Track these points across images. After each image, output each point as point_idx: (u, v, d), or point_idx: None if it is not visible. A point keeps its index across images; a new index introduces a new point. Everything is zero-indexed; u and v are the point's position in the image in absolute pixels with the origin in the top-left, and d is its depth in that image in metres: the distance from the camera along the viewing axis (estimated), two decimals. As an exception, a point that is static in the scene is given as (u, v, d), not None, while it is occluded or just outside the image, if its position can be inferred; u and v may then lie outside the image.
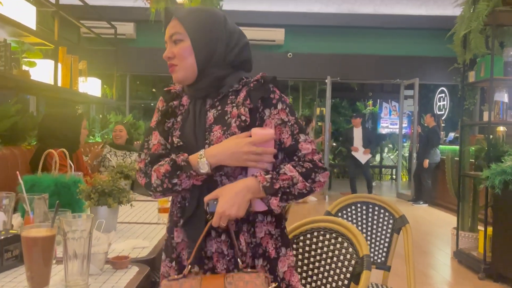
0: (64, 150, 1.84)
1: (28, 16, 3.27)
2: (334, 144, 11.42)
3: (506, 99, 3.58)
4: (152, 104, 14.80)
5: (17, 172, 1.52)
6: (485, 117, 3.67)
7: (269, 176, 1.07)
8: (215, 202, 1.04)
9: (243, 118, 1.10)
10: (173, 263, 1.15)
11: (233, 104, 1.14)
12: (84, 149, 3.82)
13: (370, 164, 12.02)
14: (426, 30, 7.96)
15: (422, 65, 8.04)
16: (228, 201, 1.03)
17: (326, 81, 7.95)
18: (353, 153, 7.62)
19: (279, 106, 1.14)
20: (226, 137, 1.09)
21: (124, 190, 1.55)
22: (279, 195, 1.07)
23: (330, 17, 8.02)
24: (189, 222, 1.11)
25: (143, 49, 8.02)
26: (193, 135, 1.13)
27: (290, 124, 1.14)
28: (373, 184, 8.16)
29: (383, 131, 16.63)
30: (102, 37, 5.73)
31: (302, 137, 1.13)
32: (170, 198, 1.22)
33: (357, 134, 7.65)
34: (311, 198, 7.19)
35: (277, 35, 7.96)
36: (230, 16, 1.23)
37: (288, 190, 1.08)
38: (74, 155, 2.81)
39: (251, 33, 8.00)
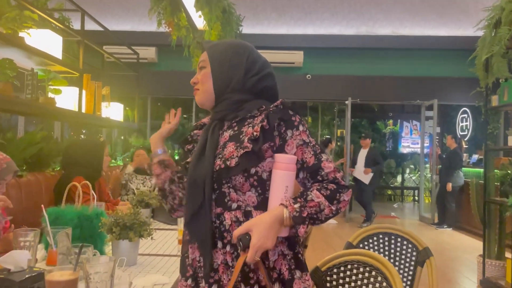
0: (87, 182, 1.86)
1: (54, 46, 3.39)
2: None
3: (531, 124, 3.51)
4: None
5: (42, 206, 1.56)
6: (510, 142, 3.58)
7: (298, 205, 1.08)
8: (247, 237, 1.04)
9: (254, 134, 1.13)
10: (189, 281, 1.15)
11: (250, 125, 1.18)
12: (106, 173, 3.88)
13: (392, 185, 11.88)
14: (446, 51, 7.91)
15: (442, 86, 7.95)
16: (263, 235, 1.04)
17: (346, 102, 7.94)
18: (353, 174, 7.46)
19: (301, 128, 1.19)
20: (237, 151, 1.11)
21: (145, 223, 1.57)
22: (307, 222, 1.09)
23: (349, 39, 8.05)
24: (192, 220, 1.14)
25: (164, 72, 8.19)
26: (201, 150, 1.19)
27: (311, 144, 1.18)
28: (395, 205, 7.96)
29: (404, 150, 16.40)
30: (125, 62, 5.89)
31: (324, 156, 1.18)
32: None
33: (362, 155, 7.45)
34: (331, 220, 7.09)
35: (296, 57, 8.02)
36: (249, 39, 1.28)
37: (315, 216, 1.10)
38: (97, 182, 2.87)
39: (270, 56, 8.09)
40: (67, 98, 3.69)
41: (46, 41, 3.30)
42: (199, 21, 4.08)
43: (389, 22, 8.04)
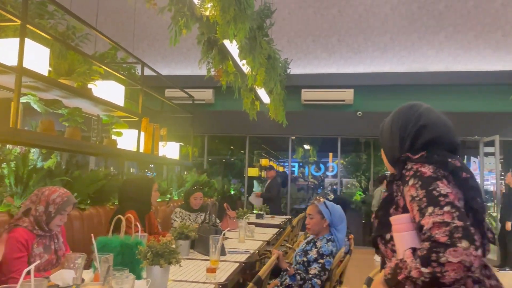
0: (130, 215, 2.17)
1: (117, 94, 3.88)
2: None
3: None
4: (232, 160, 15.61)
5: (92, 235, 1.87)
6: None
7: (393, 267, 1.10)
8: None
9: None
10: None
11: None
12: (155, 208, 4.24)
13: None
14: (505, 85, 7.67)
15: (503, 121, 7.67)
16: None
17: (398, 139, 7.88)
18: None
19: (410, 182, 1.17)
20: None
21: (174, 251, 1.82)
22: (405, 286, 1.06)
23: (400, 76, 8.11)
24: None
25: (220, 112, 8.71)
26: None
27: (418, 198, 1.12)
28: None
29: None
30: (183, 104, 6.44)
31: (429, 210, 1.08)
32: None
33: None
34: (376, 257, 6.93)
35: (346, 95, 8.19)
36: (299, 79, 1.52)
37: (400, 279, 1.07)
38: (147, 216, 3.21)
39: (321, 94, 8.34)
40: (128, 139, 4.15)
41: (110, 90, 3.80)
42: (245, 68, 4.44)
43: (441, 58, 8.00)
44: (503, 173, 10.60)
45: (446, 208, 1.06)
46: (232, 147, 14.26)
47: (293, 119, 8.18)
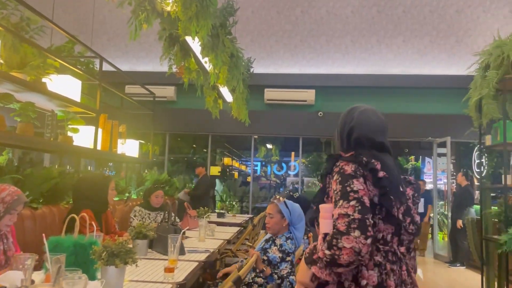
0: (85, 214, 2.10)
1: (73, 89, 3.74)
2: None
3: (524, 163, 3.59)
4: (194, 158, 15.45)
5: (43, 234, 1.80)
6: (509, 181, 3.66)
7: (312, 248, 1.33)
8: None
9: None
10: None
11: None
12: (113, 207, 4.12)
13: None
14: (458, 89, 7.98)
15: (455, 123, 8.01)
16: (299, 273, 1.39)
17: (358, 139, 8.06)
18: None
19: (335, 177, 1.36)
20: None
21: (130, 251, 1.78)
22: (317, 264, 1.27)
23: (360, 78, 8.30)
24: None
25: (182, 110, 8.60)
26: None
27: (336, 192, 1.33)
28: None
29: (427, 187, 16.15)
30: (143, 101, 6.31)
31: (340, 202, 1.28)
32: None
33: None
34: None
35: (308, 95, 8.30)
36: (262, 79, 1.58)
37: (316, 259, 1.28)
38: (104, 215, 3.12)
39: (284, 94, 8.41)
40: (85, 136, 4.02)
41: (66, 85, 3.66)
42: (208, 65, 4.40)
43: (399, 62, 8.27)
44: (454, 173, 11.10)
45: (352, 203, 1.25)
46: (194, 146, 14.12)
47: (256, 118, 8.20)
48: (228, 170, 15.70)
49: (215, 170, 13.06)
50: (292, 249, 2.72)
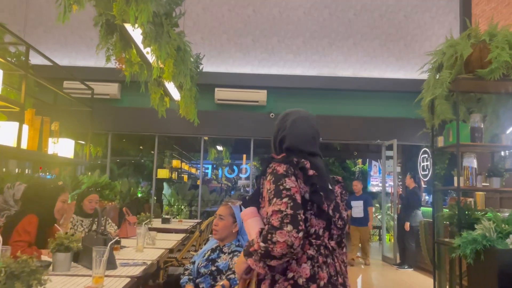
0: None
1: (-8, 80, 3.26)
2: None
3: (475, 165, 3.54)
4: (142, 161, 14.80)
5: None
6: (455, 182, 3.60)
7: (249, 241, 1.38)
8: None
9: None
10: None
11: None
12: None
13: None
14: (405, 93, 8.13)
15: (401, 127, 8.12)
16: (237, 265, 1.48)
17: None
18: None
19: (268, 177, 1.42)
20: None
21: (36, 271, 1.43)
22: (252, 256, 1.33)
23: (311, 79, 8.21)
24: None
25: (126, 108, 8.10)
26: None
27: (269, 191, 1.38)
28: (360, 245, 7.80)
29: (373, 189, 16.48)
30: (81, 98, 5.79)
31: (273, 200, 1.35)
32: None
33: None
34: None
35: (260, 96, 8.09)
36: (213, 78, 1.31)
37: (252, 251, 1.33)
38: (49, 229, 2.72)
39: (235, 94, 8.15)
40: (6, 134, 3.53)
41: (-17, 74, 3.18)
42: (151, 57, 4.05)
43: (350, 64, 8.28)
44: (400, 176, 11.34)
45: (285, 200, 1.33)
46: (141, 147, 13.49)
47: (206, 118, 7.88)
48: (177, 172, 15.17)
49: (163, 173, 12.55)
50: None
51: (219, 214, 2.55)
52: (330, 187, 1.51)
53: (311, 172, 1.43)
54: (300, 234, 1.28)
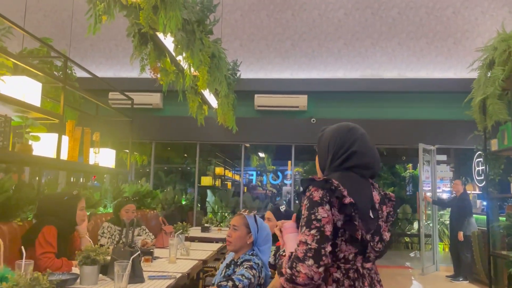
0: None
1: (33, 93, 3.35)
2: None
3: (535, 170, 3.20)
4: (188, 168, 14.99)
5: None
6: (514, 189, 3.27)
7: (283, 261, 1.40)
8: None
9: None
10: None
11: None
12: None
13: (408, 232, 11.26)
14: (456, 93, 7.66)
15: (454, 129, 7.65)
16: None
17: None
18: None
19: (305, 202, 1.41)
20: None
21: (47, 289, 1.38)
22: (284, 276, 1.35)
23: (354, 82, 7.95)
24: None
25: (168, 117, 8.22)
26: None
27: (303, 217, 1.39)
28: (411, 254, 7.35)
29: (428, 194, 15.66)
30: (123, 108, 5.92)
31: (303, 229, 1.36)
32: None
33: None
34: None
35: (300, 101, 7.93)
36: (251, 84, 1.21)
37: (281, 271, 1.36)
38: (70, 237, 2.73)
39: (275, 100, 8.04)
40: (47, 145, 3.61)
41: (24, 87, 3.27)
42: (185, 66, 4.03)
43: (394, 65, 7.93)
44: (452, 181, 10.70)
45: (312, 232, 1.34)
46: (185, 155, 13.69)
47: (246, 125, 7.82)
48: (220, 180, 15.25)
49: (206, 181, 12.64)
50: (261, 263, 2.34)
51: (233, 224, 2.45)
52: (370, 215, 1.46)
53: (347, 200, 1.39)
54: (321, 269, 1.31)
